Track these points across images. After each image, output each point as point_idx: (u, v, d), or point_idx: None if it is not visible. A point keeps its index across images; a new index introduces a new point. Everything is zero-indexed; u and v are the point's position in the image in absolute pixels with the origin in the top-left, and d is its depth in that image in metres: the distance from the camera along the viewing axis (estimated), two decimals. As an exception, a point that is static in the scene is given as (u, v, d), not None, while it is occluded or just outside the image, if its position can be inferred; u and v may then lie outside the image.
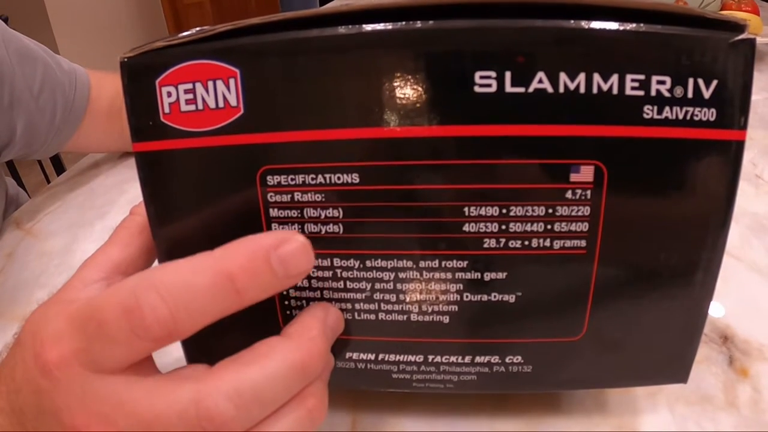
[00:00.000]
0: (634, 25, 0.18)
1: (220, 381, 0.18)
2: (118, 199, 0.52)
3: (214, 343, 0.21)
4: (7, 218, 0.52)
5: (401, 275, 0.22)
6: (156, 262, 0.23)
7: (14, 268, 0.44)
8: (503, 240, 0.21)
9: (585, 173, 0.20)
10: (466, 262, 0.21)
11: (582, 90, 0.19)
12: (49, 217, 0.51)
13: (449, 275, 0.21)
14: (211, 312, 0.18)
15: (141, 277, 0.18)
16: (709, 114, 0.19)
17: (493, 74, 0.19)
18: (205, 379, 0.18)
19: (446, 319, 0.22)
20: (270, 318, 0.23)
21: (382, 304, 0.22)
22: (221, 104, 0.20)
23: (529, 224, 0.20)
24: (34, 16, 2.18)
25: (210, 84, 0.20)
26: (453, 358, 0.23)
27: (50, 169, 1.04)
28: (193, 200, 0.21)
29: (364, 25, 0.19)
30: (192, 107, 0.20)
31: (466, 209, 0.20)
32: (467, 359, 0.23)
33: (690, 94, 0.19)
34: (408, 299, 0.22)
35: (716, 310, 0.33)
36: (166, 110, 0.20)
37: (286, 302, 0.23)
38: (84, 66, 0.54)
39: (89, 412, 0.18)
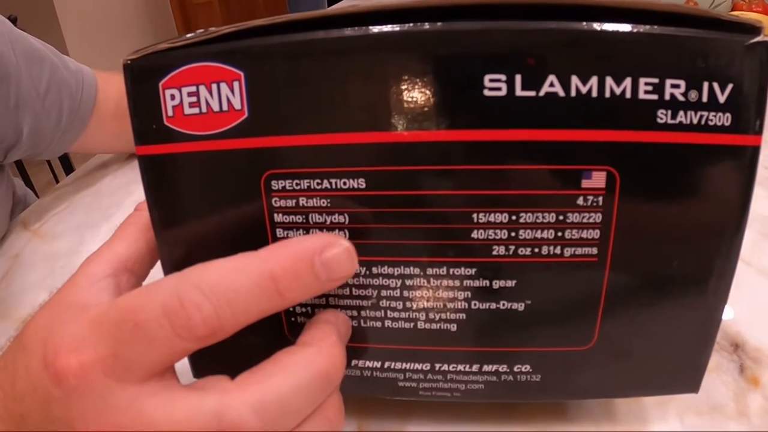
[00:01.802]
0: (647, 27, 0.18)
1: (245, 393, 0.17)
2: (124, 201, 0.52)
3: (219, 351, 0.20)
4: (14, 219, 0.52)
5: (408, 282, 0.21)
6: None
7: (21, 270, 0.44)
8: (512, 247, 0.20)
9: (597, 179, 0.19)
10: (474, 270, 0.21)
11: (594, 94, 0.18)
12: (56, 218, 0.51)
13: (457, 283, 0.21)
14: (253, 311, 0.17)
15: (181, 277, 0.17)
16: (724, 119, 0.19)
17: (503, 77, 0.18)
18: (229, 390, 0.17)
19: (454, 327, 0.22)
20: (274, 324, 0.23)
21: (388, 312, 0.22)
22: (225, 107, 0.19)
23: (539, 231, 0.20)
24: (42, 16, 2.19)
25: (214, 87, 0.19)
26: (460, 367, 0.23)
27: (59, 169, 1.05)
28: (196, 204, 0.21)
29: (370, 27, 0.18)
30: (196, 110, 0.20)
31: (474, 216, 0.20)
32: (475, 368, 0.23)
33: (705, 98, 0.18)
34: (415, 307, 0.22)
35: (727, 316, 0.33)
36: (170, 113, 0.20)
37: (291, 308, 0.22)
38: (92, 66, 0.54)
39: (106, 422, 0.17)
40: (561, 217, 0.20)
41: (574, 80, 0.18)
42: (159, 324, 0.17)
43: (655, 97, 0.18)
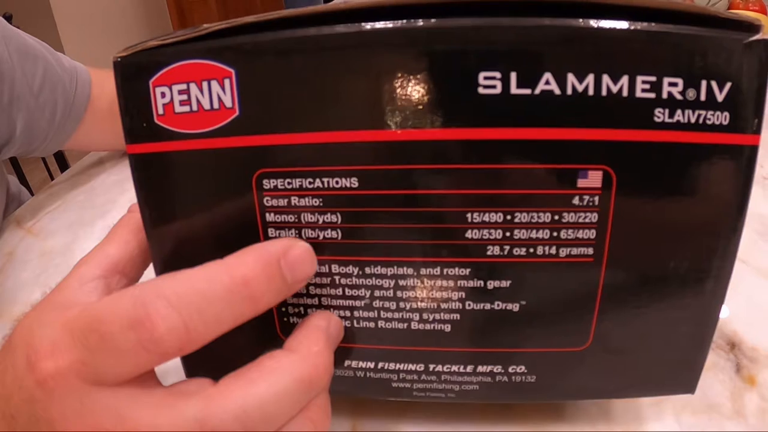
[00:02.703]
0: (645, 24, 0.18)
1: (227, 399, 0.17)
2: (119, 198, 0.51)
3: (211, 350, 0.20)
4: (8, 217, 0.52)
5: (401, 282, 0.21)
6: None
7: (15, 268, 0.44)
8: (507, 247, 0.20)
9: (593, 178, 0.19)
10: (468, 270, 0.21)
11: (591, 92, 0.18)
12: (50, 216, 0.51)
13: (451, 283, 0.21)
14: (226, 320, 0.17)
15: (147, 286, 0.17)
16: (722, 117, 0.18)
17: (498, 75, 0.18)
18: (211, 396, 0.17)
19: (448, 328, 0.22)
20: (267, 324, 0.22)
21: (381, 312, 0.22)
22: (216, 105, 0.19)
23: (534, 231, 0.20)
24: (38, 13, 2.18)
25: (204, 84, 0.19)
26: (454, 368, 0.22)
27: (54, 166, 1.04)
28: (187, 203, 0.21)
29: (363, 24, 0.18)
30: (186, 108, 0.19)
31: (469, 215, 0.20)
32: (469, 369, 0.22)
33: (703, 97, 0.18)
34: (408, 307, 0.21)
35: (723, 315, 0.32)
36: (160, 111, 0.20)
37: (283, 309, 0.22)
38: (87, 63, 0.54)
39: (86, 425, 0.17)
40: (556, 217, 0.20)
41: (570, 78, 0.18)
42: (124, 336, 0.16)
43: (652, 95, 0.18)
